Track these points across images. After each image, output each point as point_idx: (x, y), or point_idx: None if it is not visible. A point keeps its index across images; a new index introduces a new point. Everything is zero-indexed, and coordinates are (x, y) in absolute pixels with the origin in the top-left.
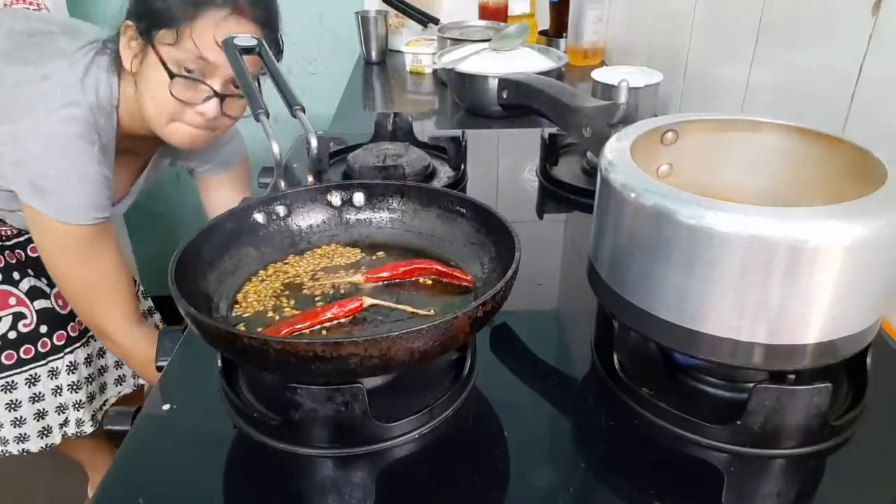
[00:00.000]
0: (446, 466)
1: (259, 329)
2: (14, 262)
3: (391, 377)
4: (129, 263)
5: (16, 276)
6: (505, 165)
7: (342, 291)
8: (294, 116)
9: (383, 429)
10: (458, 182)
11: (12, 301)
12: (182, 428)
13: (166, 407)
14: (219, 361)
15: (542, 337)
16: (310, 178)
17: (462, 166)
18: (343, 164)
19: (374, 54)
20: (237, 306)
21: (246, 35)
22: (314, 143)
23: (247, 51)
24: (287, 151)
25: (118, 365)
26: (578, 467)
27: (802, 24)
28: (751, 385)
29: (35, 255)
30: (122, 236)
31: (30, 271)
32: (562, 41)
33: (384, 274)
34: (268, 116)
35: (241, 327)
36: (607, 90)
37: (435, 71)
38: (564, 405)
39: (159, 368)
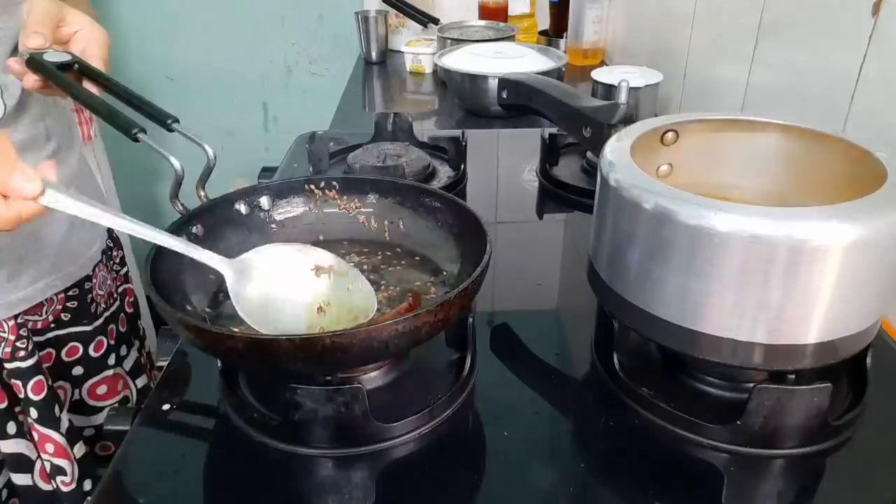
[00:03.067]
0: (446, 466)
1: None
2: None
3: (391, 377)
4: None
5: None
6: (505, 165)
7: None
8: (171, 131)
9: (383, 429)
10: (458, 182)
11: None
12: (182, 428)
13: (166, 407)
14: (218, 361)
15: (542, 337)
16: (201, 193)
17: (462, 166)
18: (343, 164)
19: (374, 54)
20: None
21: (55, 51)
22: (210, 152)
23: (62, 67)
24: (287, 152)
25: None
26: (578, 467)
27: (802, 24)
28: (751, 385)
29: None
30: (123, 237)
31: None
32: (562, 41)
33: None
34: (145, 132)
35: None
36: (607, 90)
37: (435, 71)
38: (564, 405)
39: (159, 368)
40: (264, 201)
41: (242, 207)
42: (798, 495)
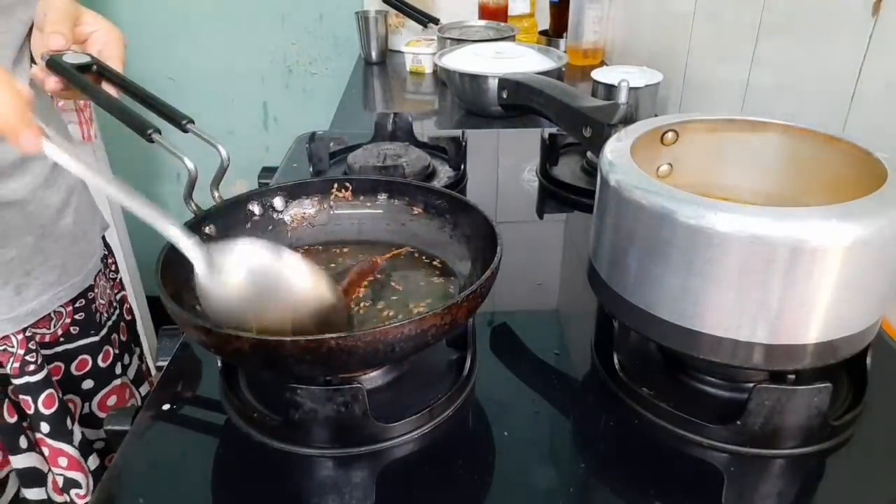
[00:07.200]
0: (446, 466)
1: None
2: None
3: (391, 377)
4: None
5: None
6: (505, 165)
7: None
8: (185, 131)
9: (383, 429)
10: (458, 182)
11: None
12: (182, 428)
13: (166, 407)
14: (219, 361)
15: (542, 337)
16: (215, 193)
17: (462, 166)
18: (343, 164)
19: (374, 54)
20: None
21: (74, 52)
22: (224, 153)
23: (80, 69)
24: (287, 152)
25: None
26: (578, 467)
27: (802, 24)
28: (751, 385)
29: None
30: (123, 237)
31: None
32: (562, 41)
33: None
34: (160, 133)
35: None
36: (607, 90)
37: (435, 71)
38: (564, 405)
39: (159, 368)
40: (278, 202)
41: (256, 208)
42: (798, 495)
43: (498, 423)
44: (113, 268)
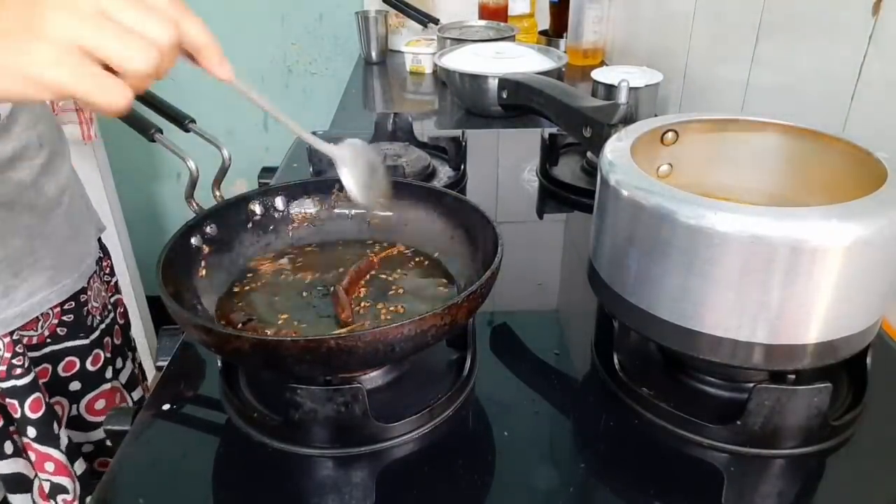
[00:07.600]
0: (446, 466)
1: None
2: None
3: (391, 377)
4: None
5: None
6: (505, 165)
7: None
8: (187, 131)
9: (383, 429)
10: (458, 182)
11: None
12: (182, 428)
13: (166, 407)
14: (219, 361)
15: (542, 337)
16: (216, 193)
17: (462, 166)
18: None
19: (374, 54)
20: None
21: None
22: (225, 153)
23: None
24: (287, 152)
25: None
26: (578, 467)
27: (802, 24)
28: (751, 385)
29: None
30: (123, 238)
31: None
32: (562, 41)
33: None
34: (161, 133)
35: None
36: (607, 90)
37: (435, 71)
38: (564, 405)
39: (159, 368)
40: (279, 202)
41: (257, 208)
42: (798, 495)
43: (498, 423)
44: (108, 270)
